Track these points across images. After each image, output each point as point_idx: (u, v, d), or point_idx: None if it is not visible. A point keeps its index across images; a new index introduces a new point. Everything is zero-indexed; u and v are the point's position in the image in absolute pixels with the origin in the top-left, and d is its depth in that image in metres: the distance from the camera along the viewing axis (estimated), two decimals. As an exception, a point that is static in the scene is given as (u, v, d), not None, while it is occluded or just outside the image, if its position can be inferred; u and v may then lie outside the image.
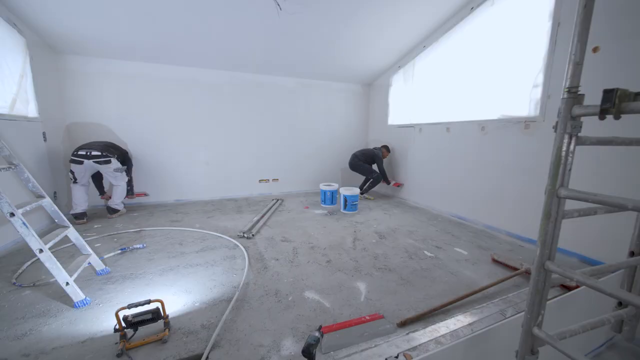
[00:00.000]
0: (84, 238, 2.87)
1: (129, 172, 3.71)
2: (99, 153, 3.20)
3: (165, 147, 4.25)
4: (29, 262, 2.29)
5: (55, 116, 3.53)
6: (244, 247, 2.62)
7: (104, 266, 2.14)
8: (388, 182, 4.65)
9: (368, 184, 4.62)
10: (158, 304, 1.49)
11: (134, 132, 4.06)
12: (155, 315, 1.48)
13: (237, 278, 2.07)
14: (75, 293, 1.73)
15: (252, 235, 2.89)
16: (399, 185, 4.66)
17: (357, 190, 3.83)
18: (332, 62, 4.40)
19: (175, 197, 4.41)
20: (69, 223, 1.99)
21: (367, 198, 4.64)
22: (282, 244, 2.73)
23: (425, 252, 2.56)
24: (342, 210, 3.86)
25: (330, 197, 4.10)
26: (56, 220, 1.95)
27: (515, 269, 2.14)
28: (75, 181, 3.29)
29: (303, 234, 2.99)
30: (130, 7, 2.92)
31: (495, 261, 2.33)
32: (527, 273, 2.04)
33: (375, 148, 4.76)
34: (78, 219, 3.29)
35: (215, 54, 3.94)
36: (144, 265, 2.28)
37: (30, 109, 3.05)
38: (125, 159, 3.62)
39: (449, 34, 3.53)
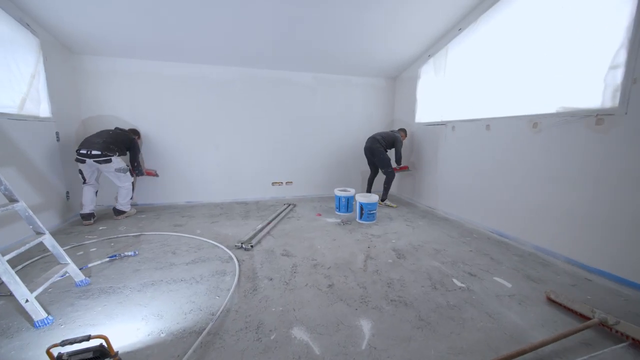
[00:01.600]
0: (85, 241, 2.84)
1: (135, 156, 3.55)
2: (99, 152, 3.08)
3: (177, 147, 4.15)
4: (19, 266, 2.20)
5: (71, 116, 3.55)
6: (238, 260, 2.32)
7: (83, 277, 1.96)
8: (399, 167, 4.32)
9: (386, 185, 4.14)
10: (101, 341, 1.21)
11: (147, 132, 4.00)
12: (99, 353, 1.20)
13: (219, 301, 1.76)
14: (36, 311, 1.53)
15: (251, 246, 2.59)
16: (406, 168, 4.46)
17: (375, 198, 3.36)
18: (352, 53, 3.97)
19: (186, 199, 4.30)
20: (44, 230, 1.83)
21: (388, 205, 4.13)
22: (281, 259, 2.39)
23: (455, 280, 2.04)
24: (357, 219, 3.42)
25: (346, 204, 3.68)
26: (31, 227, 1.80)
27: (584, 316, 1.56)
28: (84, 182, 3.27)
29: (308, 248, 2.62)
30: (137, 6, 2.80)
31: (551, 301, 1.76)
32: (604, 326, 1.46)
33: (392, 131, 4.33)
34: (85, 219, 3.25)
35: (224, 49, 3.73)
36: (128, 276, 2.08)
37: (42, 109, 3.06)
38: (132, 145, 3.49)
39: (491, 12, 2.93)
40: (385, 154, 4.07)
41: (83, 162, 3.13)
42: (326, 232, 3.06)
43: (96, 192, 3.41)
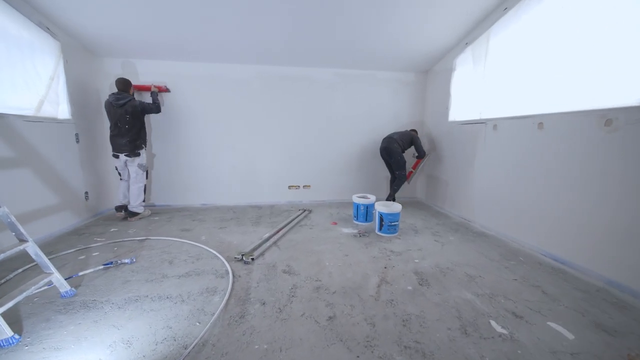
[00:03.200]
0: (92, 243, 2.81)
1: (145, 106, 3.38)
2: (129, 150, 3.30)
3: (192, 148, 4.08)
4: (19, 270, 2.17)
5: (92, 118, 3.61)
6: (234, 276, 2.08)
7: (68, 287, 1.84)
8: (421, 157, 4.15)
9: (395, 186, 4.03)
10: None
11: (164, 132, 3.97)
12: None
13: (198, 330, 1.51)
14: (0, 330, 1.40)
15: (252, 259, 2.33)
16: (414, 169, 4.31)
17: (397, 207, 2.94)
18: (379, 44, 3.57)
19: (201, 201, 4.21)
20: (28, 237, 1.73)
21: None
22: (281, 277, 2.09)
23: (493, 323, 1.58)
24: (376, 231, 3.02)
25: (364, 213, 3.29)
26: (14, 234, 1.71)
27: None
28: (120, 178, 3.48)
29: (315, 264, 2.30)
30: (153, 6, 2.72)
31: (639, 370, 1.24)
32: None
33: (406, 130, 4.18)
34: (117, 211, 3.46)
35: (240, 46, 3.55)
36: (115, 289, 1.93)
37: (61, 111, 3.11)
38: (140, 107, 3.32)
39: (548, -17, 2.37)
40: (402, 155, 3.91)
41: (117, 157, 3.35)
42: (339, 245, 2.71)
43: (127, 188, 3.50)
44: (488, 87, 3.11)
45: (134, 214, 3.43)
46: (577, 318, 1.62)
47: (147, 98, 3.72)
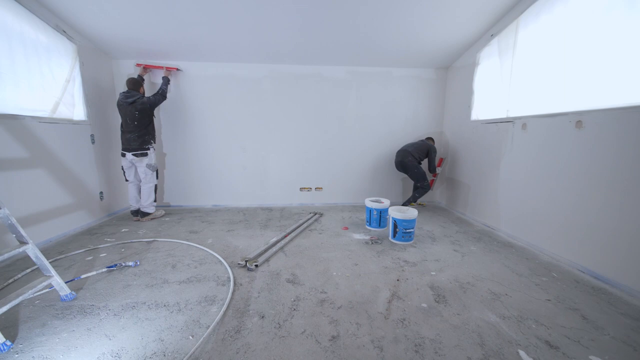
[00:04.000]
0: (102, 244, 2.82)
1: (152, 99, 3.32)
2: (137, 146, 3.27)
3: (204, 149, 4.06)
4: (22, 274, 2.19)
5: (107, 119, 3.67)
6: (235, 284, 1.98)
7: (68, 291, 1.81)
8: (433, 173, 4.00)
9: (416, 193, 3.84)
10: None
11: (176, 132, 3.98)
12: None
13: (190, 344, 1.41)
14: (-8, 336, 1.37)
15: (256, 265, 2.22)
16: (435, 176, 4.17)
17: (413, 214, 2.72)
18: (395, 39, 3.37)
19: (213, 202, 4.19)
20: (28, 240, 1.71)
21: (420, 204, 3.96)
22: (284, 287, 1.96)
23: (522, 353, 1.36)
24: (390, 238, 2.82)
25: (378, 218, 3.10)
26: (14, 236, 1.70)
27: None
28: (126, 179, 3.46)
29: (321, 273, 2.15)
30: (165, 8, 2.71)
31: None
32: None
33: (422, 140, 3.97)
34: (134, 215, 3.48)
35: (251, 44, 3.47)
36: (115, 294, 1.88)
37: (76, 113, 3.17)
38: (147, 103, 3.29)
39: (589, -38, 2.08)
40: (419, 167, 3.74)
41: (124, 155, 3.32)
42: (349, 252, 2.54)
43: (140, 189, 3.49)
44: (516, 82, 2.83)
45: (146, 214, 3.45)
46: (627, 352, 1.36)
47: (159, 78, 3.71)
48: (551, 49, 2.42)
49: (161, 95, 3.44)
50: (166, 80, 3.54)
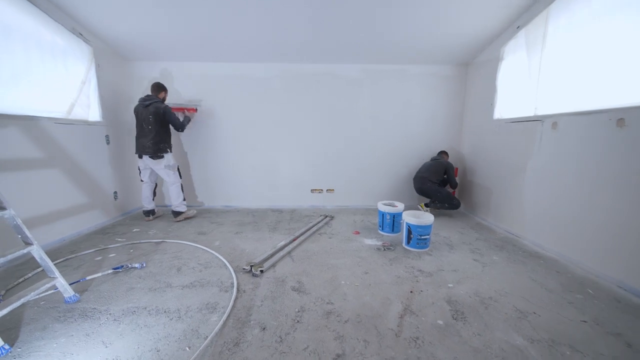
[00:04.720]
0: (112, 244, 2.83)
1: (174, 120, 3.31)
2: (152, 152, 3.22)
3: (216, 149, 4.04)
4: (39, 269, 2.21)
5: (122, 120, 3.73)
6: (238, 290, 1.90)
7: (72, 293, 1.79)
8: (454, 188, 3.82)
9: (445, 205, 3.62)
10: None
11: (188, 132, 3.99)
12: None
13: (185, 357, 1.33)
14: (-10, 340, 1.35)
15: (261, 271, 2.13)
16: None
17: (429, 219, 2.54)
18: (411, 34, 3.20)
19: (224, 203, 4.17)
20: (33, 240, 1.70)
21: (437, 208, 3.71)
22: (289, 295, 1.86)
23: (556, 387, 1.18)
24: (404, 244, 2.66)
25: (391, 223, 2.93)
26: (20, 236, 1.70)
27: None
28: (141, 180, 3.46)
29: (328, 282, 2.03)
30: (178, 9, 2.69)
31: None
32: None
33: (435, 159, 3.78)
34: (146, 216, 3.49)
35: (261, 43, 3.41)
36: (118, 297, 1.85)
37: (91, 114, 3.22)
38: (165, 114, 3.25)
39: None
40: (441, 190, 3.56)
41: (140, 157, 3.32)
42: (359, 259, 2.41)
43: (154, 190, 3.54)
44: (546, 78, 2.58)
45: (179, 213, 3.45)
46: (687, 392, 1.15)
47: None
48: (588, 40, 2.18)
49: (180, 124, 3.38)
50: (187, 119, 3.52)
